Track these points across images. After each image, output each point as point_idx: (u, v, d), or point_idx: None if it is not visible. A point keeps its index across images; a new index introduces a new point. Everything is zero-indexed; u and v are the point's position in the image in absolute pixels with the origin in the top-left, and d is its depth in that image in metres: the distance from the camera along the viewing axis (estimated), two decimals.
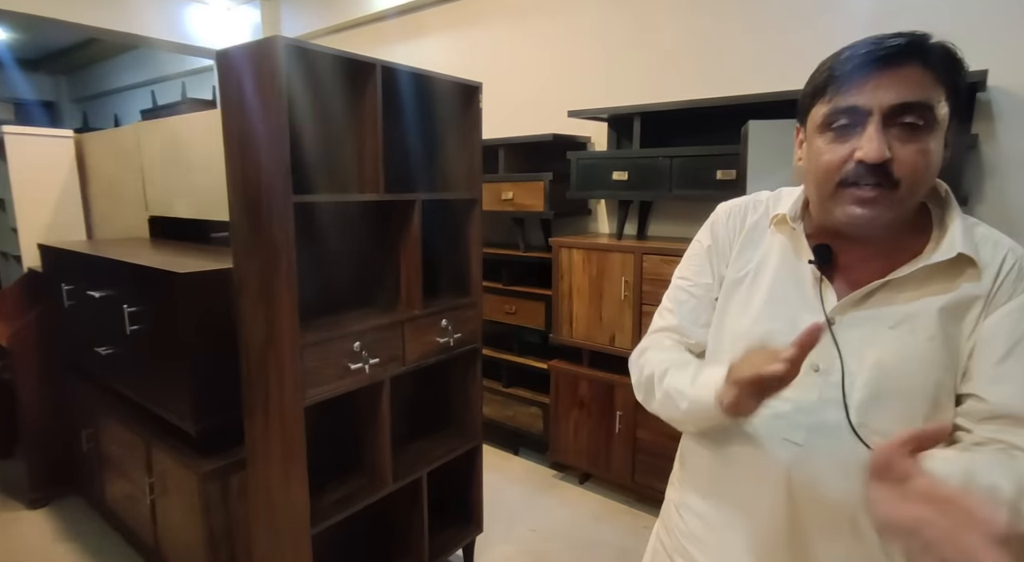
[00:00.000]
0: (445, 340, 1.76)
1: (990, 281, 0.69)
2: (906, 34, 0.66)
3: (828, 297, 0.74)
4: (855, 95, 0.66)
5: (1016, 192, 1.89)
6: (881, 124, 0.66)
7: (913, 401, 0.69)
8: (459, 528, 2.03)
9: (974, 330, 0.69)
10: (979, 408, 0.68)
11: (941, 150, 0.68)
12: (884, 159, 0.65)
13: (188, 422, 1.62)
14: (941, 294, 0.69)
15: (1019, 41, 1.84)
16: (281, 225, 1.30)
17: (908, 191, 0.67)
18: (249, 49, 1.29)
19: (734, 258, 0.84)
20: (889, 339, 0.70)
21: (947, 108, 0.67)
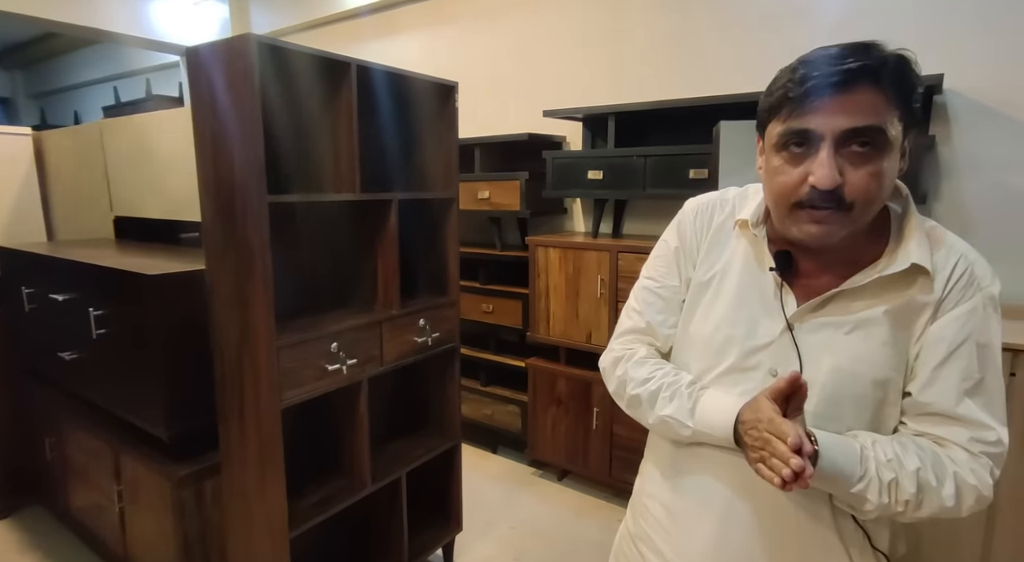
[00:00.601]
0: (423, 340, 1.76)
1: (940, 287, 0.72)
2: (860, 52, 0.66)
3: (788, 303, 0.77)
4: (808, 119, 0.68)
5: (971, 191, 1.98)
6: (833, 148, 0.67)
7: (863, 402, 0.74)
8: (439, 528, 2.03)
9: (922, 334, 0.73)
10: (916, 406, 0.73)
11: (895, 168, 0.71)
12: (835, 185, 0.67)
13: (160, 427, 1.58)
14: (894, 298, 0.73)
15: (973, 46, 1.92)
16: (256, 225, 1.28)
17: (861, 211, 0.69)
18: (221, 47, 1.27)
19: (701, 260, 0.86)
20: (845, 344, 0.73)
21: (900, 126, 0.68)
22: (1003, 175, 1.93)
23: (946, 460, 0.71)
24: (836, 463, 0.69)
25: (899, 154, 0.70)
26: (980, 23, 1.91)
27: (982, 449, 0.71)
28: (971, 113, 1.95)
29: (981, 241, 1.95)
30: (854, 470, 0.69)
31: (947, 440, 0.72)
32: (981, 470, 0.71)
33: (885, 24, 2.06)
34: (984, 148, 1.94)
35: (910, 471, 0.69)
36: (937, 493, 0.70)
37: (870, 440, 0.72)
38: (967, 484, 0.70)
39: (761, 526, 0.79)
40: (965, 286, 0.72)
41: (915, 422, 0.74)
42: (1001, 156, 1.92)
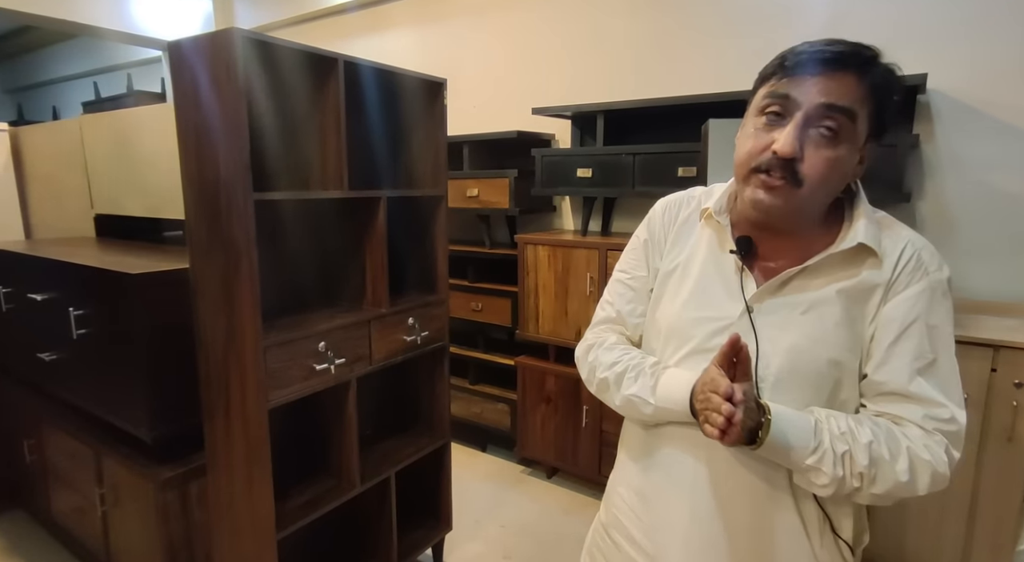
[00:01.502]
0: (412, 338, 1.75)
1: (890, 270, 0.76)
2: (857, 45, 0.71)
3: (748, 286, 0.80)
4: (792, 86, 0.72)
5: (954, 189, 2.01)
6: (802, 123, 0.71)
7: (819, 381, 0.76)
8: (428, 527, 2.02)
9: (875, 315, 0.76)
10: (872, 386, 0.77)
11: (850, 163, 0.75)
12: (793, 155, 0.71)
13: (143, 429, 1.55)
14: (843, 277, 0.76)
15: (957, 46, 1.95)
16: (241, 223, 1.26)
17: (809, 191, 0.73)
18: (204, 41, 1.25)
19: (667, 251, 0.90)
20: (800, 324, 0.77)
21: (867, 124, 0.73)
22: (986, 174, 1.96)
23: (900, 436, 0.73)
24: (789, 434, 0.71)
25: (858, 154, 0.75)
26: (963, 24, 1.94)
27: (936, 426, 0.73)
28: (954, 112, 1.98)
29: (964, 239, 2.00)
30: (808, 441, 0.72)
31: (902, 418, 0.74)
32: (935, 447, 0.73)
33: (870, 24, 2.08)
34: (967, 147, 1.97)
35: (863, 443, 0.71)
36: (891, 467, 0.72)
37: (824, 414, 0.74)
38: (921, 459, 0.72)
39: (726, 505, 0.81)
40: (913, 270, 0.76)
41: (873, 403, 0.77)
42: (984, 155, 1.95)
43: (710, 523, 0.82)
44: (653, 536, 0.87)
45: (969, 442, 1.68)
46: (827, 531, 0.81)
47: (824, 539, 0.81)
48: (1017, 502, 1.63)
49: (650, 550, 0.88)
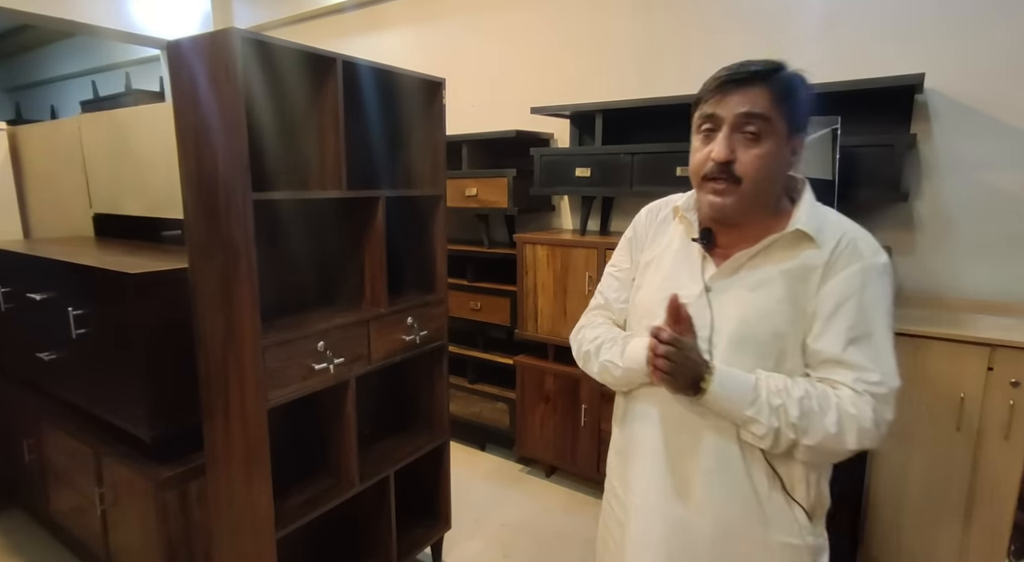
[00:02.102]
0: (411, 338, 1.75)
1: (827, 254, 0.87)
2: (762, 62, 0.87)
3: (708, 269, 0.94)
4: (716, 106, 0.88)
5: (951, 189, 2.01)
6: (729, 131, 0.86)
7: (764, 349, 0.88)
8: (427, 526, 2.02)
9: (816, 294, 0.87)
10: (813, 355, 0.88)
11: (780, 157, 0.88)
12: (728, 159, 0.86)
13: (142, 428, 1.55)
14: (786, 260, 0.89)
15: (954, 46, 1.96)
16: (240, 223, 1.26)
17: (750, 185, 0.87)
18: (202, 41, 1.25)
19: (648, 246, 1.05)
20: (749, 300, 0.89)
21: (785, 123, 0.86)
22: (983, 173, 1.96)
23: (832, 395, 0.85)
24: (729, 386, 0.85)
25: (787, 149, 0.89)
26: (961, 23, 1.94)
27: (865, 388, 0.84)
28: (952, 112, 1.98)
29: (962, 238, 2.00)
30: (746, 394, 0.84)
31: (837, 382, 0.86)
32: (863, 405, 0.84)
33: (867, 23, 2.08)
34: (965, 147, 1.98)
35: (796, 398, 0.83)
36: (820, 420, 0.83)
37: (765, 374, 0.86)
38: (848, 414, 0.83)
39: (682, 456, 0.94)
40: (849, 254, 0.87)
41: (814, 370, 0.88)
42: (981, 154, 1.95)
43: (668, 472, 0.95)
44: (626, 486, 1.02)
45: (966, 440, 1.69)
46: (777, 489, 0.91)
47: (773, 496, 0.91)
48: (1013, 499, 1.64)
49: (624, 499, 1.03)
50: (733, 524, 0.91)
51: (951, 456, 1.72)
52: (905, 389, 1.74)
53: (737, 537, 0.91)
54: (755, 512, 0.90)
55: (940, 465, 1.74)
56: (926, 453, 1.76)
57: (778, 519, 0.91)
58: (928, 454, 1.76)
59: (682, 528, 0.94)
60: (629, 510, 1.01)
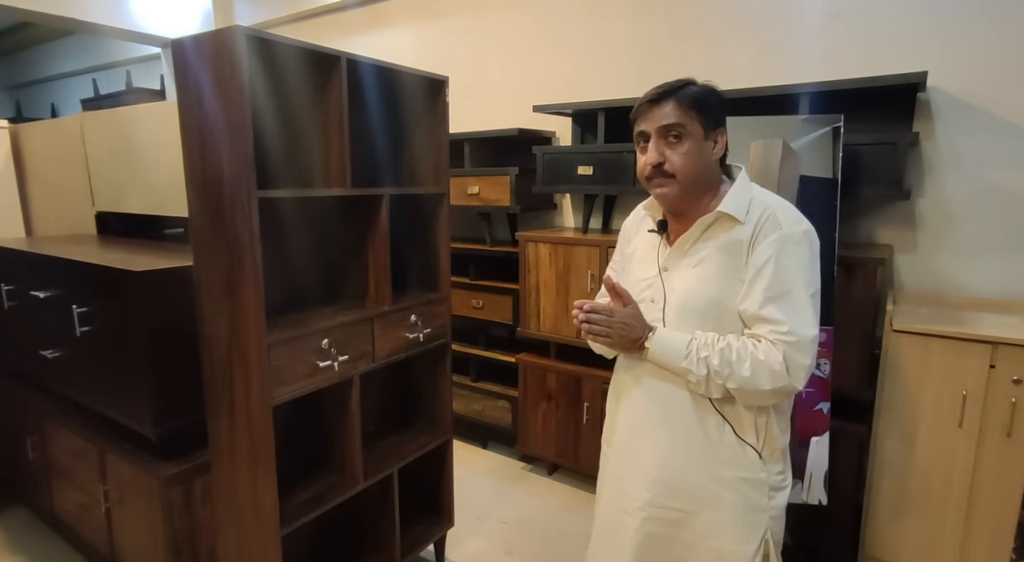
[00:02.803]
0: (415, 336, 1.75)
1: (751, 228, 1.05)
2: (671, 82, 1.07)
3: (663, 253, 1.15)
4: (642, 124, 1.09)
5: (953, 186, 2.02)
6: (656, 140, 1.07)
7: (704, 314, 1.07)
8: (430, 523, 2.03)
9: (746, 264, 1.04)
10: (742, 315, 1.06)
11: (703, 149, 1.06)
12: (658, 161, 1.07)
13: (147, 426, 1.56)
14: (719, 238, 1.07)
15: (957, 44, 1.96)
16: (245, 221, 1.27)
17: (683, 178, 1.06)
18: (206, 39, 1.25)
19: (631, 239, 1.27)
20: (692, 274, 1.09)
21: (700, 125, 1.05)
22: (985, 171, 1.97)
23: (751, 346, 1.02)
24: (668, 344, 1.06)
25: (709, 143, 1.07)
26: (963, 21, 1.94)
27: (776, 338, 1.01)
28: (954, 110, 1.98)
29: (964, 236, 2.01)
30: (680, 350, 1.05)
31: (758, 335, 1.03)
32: (773, 351, 1.01)
33: (869, 22, 2.08)
34: (967, 144, 1.98)
35: (718, 349, 1.03)
36: (738, 367, 1.01)
37: (701, 334, 1.05)
38: (758, 360, 1.01)
39: (646, 408, 1.15)
40: (768, 226, 1.04)
41: (747, 328, 1.06)
42: (983, 152, 1.96)
43: (635, 419, 1.17)
44: (609, 438, 1.27)
45: (968, 438, 1.69)
46: (727, 432, 1.09)
47: (725, 438, 1.09)
48: (1016, 497, 1.65)
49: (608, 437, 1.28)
50: (690, 459, 1.10)
51: (953, 454, 1.73)
52: (906, 387, 1.76)
53: (694, 472, 1.10)
54: (707, 450, 1.09)
55: (942, 463, 1.75)
56: (928, 451, 1.76)
57: (730, 457, 1.09)
58: (930, 452, 1.76)
59: (648, 463, 1.14)
60: (610, 446, 1.26)
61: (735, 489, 1.08)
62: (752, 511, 1.09)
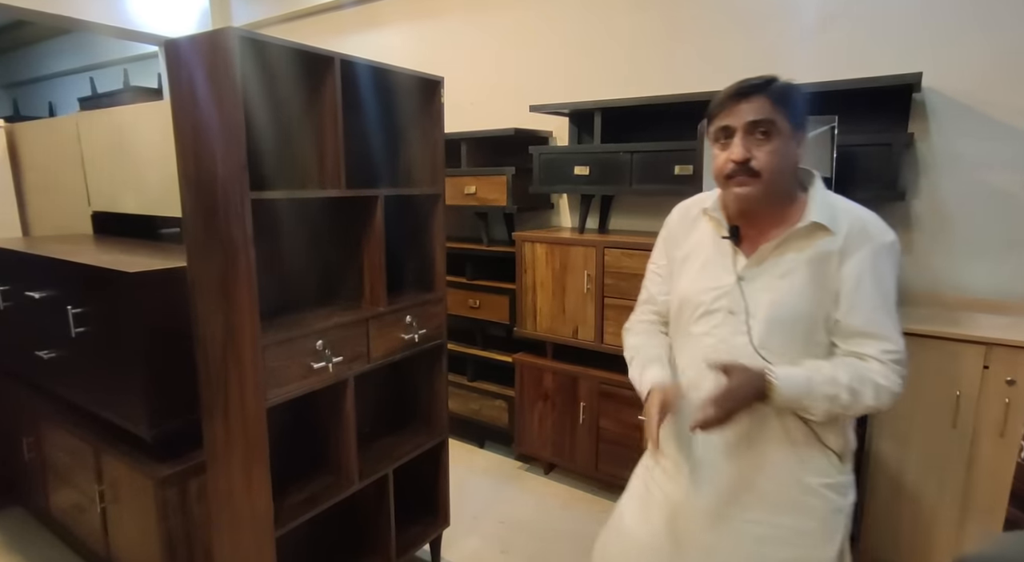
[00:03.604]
0: (410, 336, 1.75)
1: (842, 239, 1.01)
2: (759, 77, 1.01)
3: (739, 262, 1.08)
4: (725, 119, 1.03)
5: (948, 187, 2.02)
6: (743, 135, 1.00)
7: (794, 326, 1.03)
8: (426, 523, 2.03)
9: (838, 275, 1.01)
10: (840, 329, 1.02)
11: (789, 149, 1.01)
12: (745, 158, 1.00)
13: (142, 427, 1.56)
14: (807, 249, 1.02)
15: (951, 45, 1.96)
16: (239, 222, 1.26)
17: (767, 176, 1.00)
18: (200, 40, 1.24)
19: (681, 242, 1.19)
20: (778, 285, 1.03)
21: (788, 122, 1.00)
22: (981, 172, 1.97)
23: (865, 370, 1.00)
24: (791, 390, 0.98)
25: (793, 143, 1.02)
26: (958, 21, 1.94)
27: (889, 357, 1.00)
28: (949, 111, 1.98)
29: (959, 237, 2.01)
30: (802, 391, 0.98)
31: (864, 354, 1.01)
32: (891, 374, 1.00)
33: (864, 22, 2.08)
34: (962, 145, 1.98)
35: (843, 384, 0.98)
36: (862, 396, 0.99)
37: (814, 366, 1.00)
38: (881, 386, 1.00)
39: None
40: (860, 237, 1.01)
41: (843, 342, 1.03)
42: (979, 153, 1.96)
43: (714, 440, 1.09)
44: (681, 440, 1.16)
45: (961, 439, 1.70)
46: (813, 441, 1.06)
47: (810, 447, 1.06)
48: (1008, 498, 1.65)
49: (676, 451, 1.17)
50: (775, 469, 1.06)
51: (947, 454, 1.73)
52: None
53: (779, 480, 1.07)
54: (793, 460, 1.06)
55: (936, 463, 1.75)
56: (922, 452, 1.77)
57: (815, 464, 1.06)
58: (924, 453, 1.77)
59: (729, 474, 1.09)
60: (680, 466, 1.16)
61: (821, 495, 1.07)
62: (834, 513, 1.08)
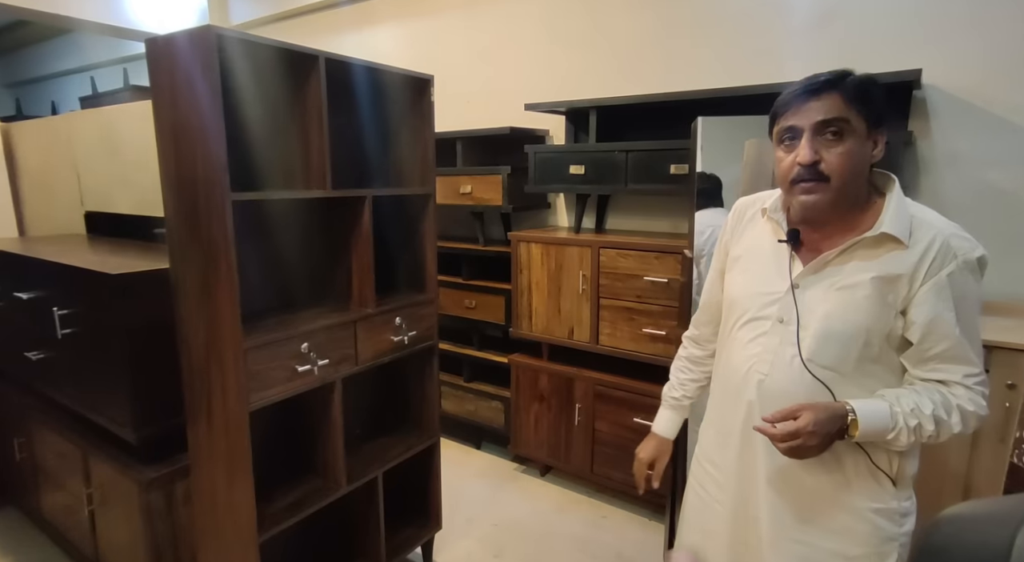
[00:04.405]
0: (400, 338, 1.73)
1: (918, 254, 0.90)
2: (829, 74, 0.92)
3: (795, 268, 0.99)
4: (792, 118, 0.93)
5: (950, 186, 1.98)
6: (811, 136, 0.91)
7: (848, 341, 0.93)
8: (418, 526, 2.01)
9: (911, 294, 0.91)
10: (918, 353, 0.93)
11: (863, 150, 0.92)
12: (813, 160, 0.91)
13: (127, 430, 1.54)
14: (873, 261, 0.92)
15: (952, 40, 1.91)
16: (220, 224, 1.25)
17: (838, 181, 0.91)
18: (181, 38, 1.22)
19: (736, 242, 1.12)
20: (835, 297, 0.94)
21: (863, 121, 0.90)
22: (983, 171, 1.93)
23: (950, 397, 0.92)
24: (873, 425, 0.90)
25: (869, 144, 0.92)
26: (959, 16, 1.90)
27: (973, 382, 0.93)
28: (951, 108, 1.94)
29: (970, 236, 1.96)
30: (887, 425, 0.90)
31: (948, 380, 0.93)
32: (977, 397, 0.93)
33: (862, 18, 2.04)
34: (964, 143, 1.94)
35: (928, 414, 0.90)
36: (948, 424, 0.92)
37: (894, 396, 0.92)
38: (968, 411, 0.92)
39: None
40: (944, 255, 0.90)
41: (919, 369, 0.94)
42: (981, 151, 1.91)
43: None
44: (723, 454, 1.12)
45: (961, 443, 1.66)
46: (863, 462, 0.97)
47: (859, 469, 0.97)
48: None
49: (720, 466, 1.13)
50: (821, 490, 0.99)
51: (945, 460, 1.70)
52: None
53: (825, 503, 0.99)
54: (841, 481, 0.98)
55: (935, 469, 1.72)
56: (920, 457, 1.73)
57: (864, 487, 0.98)
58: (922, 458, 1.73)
59: (779, 496, 1.02)
60: (728, 477, 1.10)
61: (869, 521, 0.99)
62: (884, 542, 1.00)
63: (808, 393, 0.94)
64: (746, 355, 1.02)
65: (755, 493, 1.05)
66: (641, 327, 2.25)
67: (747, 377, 1.02)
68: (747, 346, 1.02)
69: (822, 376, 0.94)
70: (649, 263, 2.20)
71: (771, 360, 0.99)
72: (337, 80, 1.60)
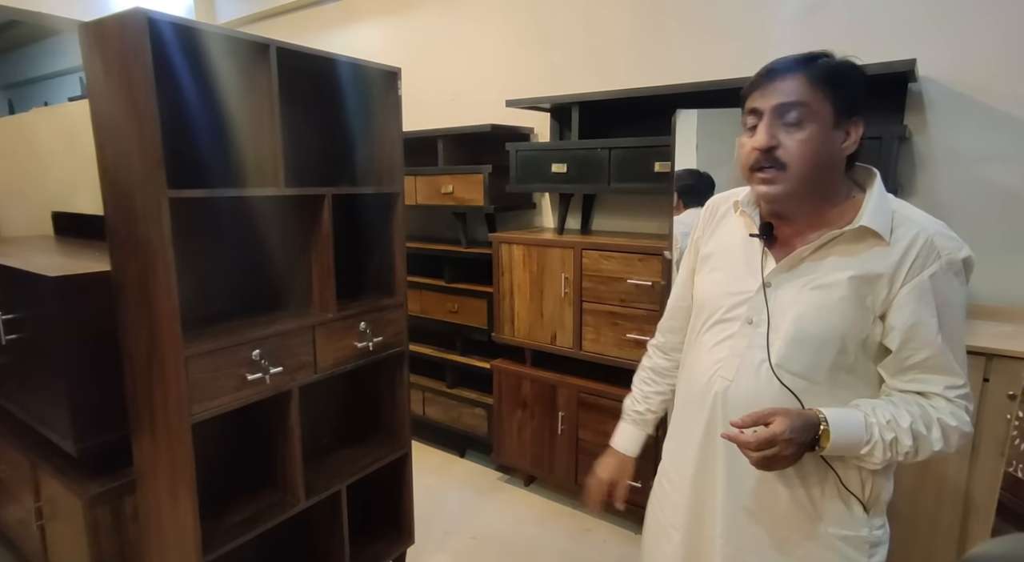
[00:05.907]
0: (364, 344, 1.65)
1: (899, 253, 0.82)
2: (800, 54, 0.85)
3: (768, 265, 0.91)
4: (756, 100, 0.86)
5: (947, 182, 1.88)
6: (770, 120, 0.84)
7: (821, 344, 0.85)
8: (388, 541, 1.92)
9: (890, 296, 0.83)
10: (896, 362, 0.85)
11: (828, 139, 0.83)
12: (768, 146, 0.83)
13: (68, 441, 1.46)
14: (851, 258, 0.84)
15: (949, 30, 1.82)
16: (155, 223, 1.16)
17: (797, 170, 0.83)
18: (112, 23, 1.14)
19: (707, 240, 1.03)
20: (809, 297, 0.86)
21: (830, 107, 0.82)
22: (983, 168, 1.83)
23: (930, 410, 0.84)
24: (846, 437, 0.81)
25: (839, 133, 0.84)
26: (955, 6, 1.80)
27: (955, 395, 0.84)
28: (948, 102, 1.84)
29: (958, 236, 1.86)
30: (861, 438, 0.82)
31: (928, 392, 0.85)
32: (959, 411, 0.85)
33: (851, 9, 1.95)
34: (963, 139, 1.84)
35: (905, 427, 0.82)
36: (927, 439, 0.83)
37: (870, 406, 0.84)
38: (950, 427, 0.84)
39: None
40: (927, 255, 0.82)
41: (897, 379, 0.86)
42: (981, 148, 1.82)
43: (725, 467, 0.93)
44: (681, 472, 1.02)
45: (961, 456, 1.57)
46: (831, 482, 0.88)
47: (827, 490, 0.89)
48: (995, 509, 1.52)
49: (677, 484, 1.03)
50: (784, 512, 0.91)
51: (944, 474, 1.60)
52: None
53: (788, 527, 0.91)
54: (806, 503, 0.90)
55: (933, 482, 1.62)
56: (919, 470, 1.64)
57: (832, 511, 0.89)
58: (921, 471, 1.63)
59: (738, 518, 0.94)
60: (683, 497, 1.02)
61: (835, 549, 0.90)
62: None
63: (775, 403, 0.85)
64: (711, 360, 0.93)
65: (712, 515, 0.96)
66: (625, 332, 2.15)
67: (710, 383, 0.93)
68: (712, 350, 0.93)
69: (792, 384, 0.85)
70: (633, 265, 2.10)
71: (737, 365, 0.90)
72: (298, 73, 1.52)
